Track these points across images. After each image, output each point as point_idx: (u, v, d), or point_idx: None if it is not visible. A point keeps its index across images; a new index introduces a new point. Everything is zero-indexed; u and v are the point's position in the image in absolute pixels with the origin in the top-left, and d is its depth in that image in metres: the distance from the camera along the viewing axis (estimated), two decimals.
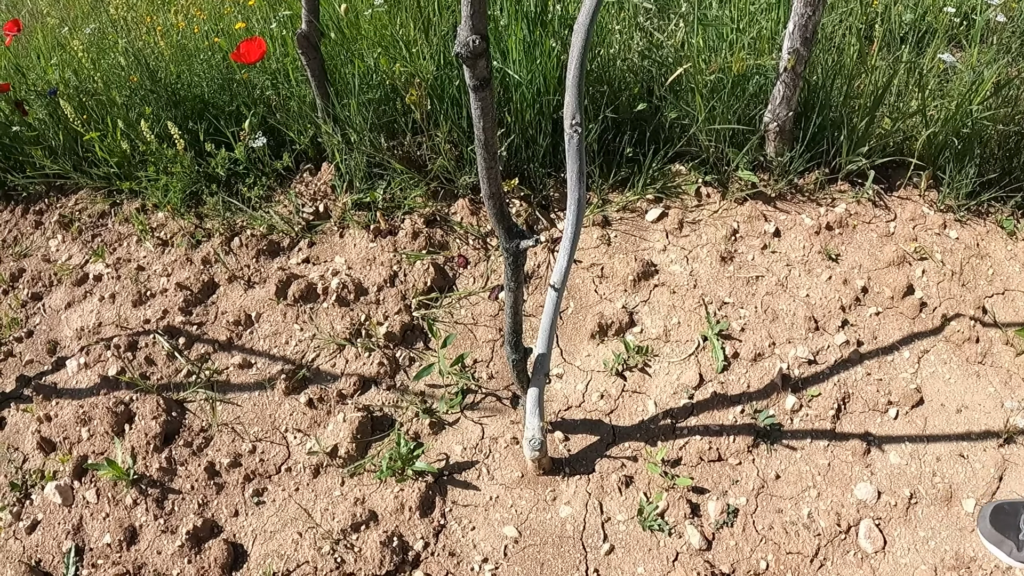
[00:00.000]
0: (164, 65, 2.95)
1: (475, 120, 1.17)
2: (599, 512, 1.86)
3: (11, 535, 2.00)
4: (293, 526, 1.91)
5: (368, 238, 2.52)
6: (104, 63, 3.04)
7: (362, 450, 2.03)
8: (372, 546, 1.81)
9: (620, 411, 2.04)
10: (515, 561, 1.80)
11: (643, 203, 2.54)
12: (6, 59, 3.44)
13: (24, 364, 2.42)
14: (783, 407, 2.01)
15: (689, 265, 2.35)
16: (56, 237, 2.83)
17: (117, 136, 2.72)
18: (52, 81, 3.03)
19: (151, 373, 2.28)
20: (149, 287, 2.53)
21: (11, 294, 2.66)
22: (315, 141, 2.76)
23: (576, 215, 1.42)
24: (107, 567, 1.89)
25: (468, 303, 2.35)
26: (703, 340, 2.15)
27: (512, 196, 2.53)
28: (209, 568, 1.85)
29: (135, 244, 2.72)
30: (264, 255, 2.55)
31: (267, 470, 2.03)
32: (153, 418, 2.11)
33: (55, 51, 3.48)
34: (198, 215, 2.72)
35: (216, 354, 2.31)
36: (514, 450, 1.99)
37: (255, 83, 2.80)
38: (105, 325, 2.44)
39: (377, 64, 2.58)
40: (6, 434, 2.24)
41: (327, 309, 2.34)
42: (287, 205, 2.66)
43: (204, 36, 3.11)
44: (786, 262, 2.32)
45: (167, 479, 2.03)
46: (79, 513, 2.01)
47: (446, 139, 2.47)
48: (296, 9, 3.01)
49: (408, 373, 2.20)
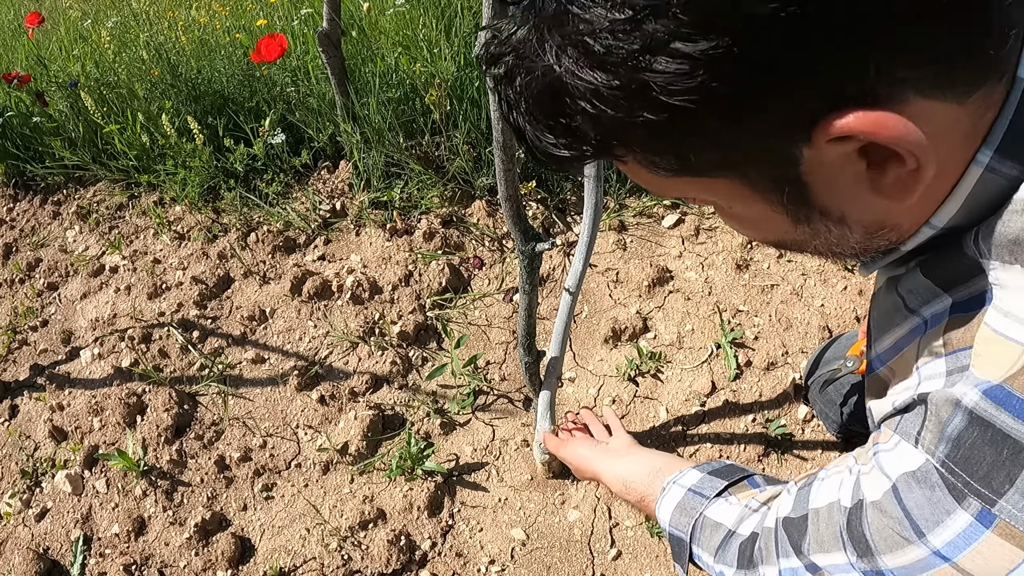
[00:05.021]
0: (185, 60, 2.97)
1: (494, 122, 1.16)
2: (607, 517, 1.85)
3: (20, 522, 2.01)
4: (301, 522, 1.91)
5: (384, 237, 2.52)
6: (125, 56, 3.07)
7: (372, 448, 2.03)
8: (379, 544, 1.81)
9: (632, 416, 2.04)
10: (522, 564, 1.79)
11: (660, 209, 2.54)
12: (28, 51, 3.47)
13: (38, 353, 2.43)
14: (795, 417, 2.00)
15: (704, 272, 2.34)
16: (73, 228, 2.85)
17: (137, 129, 2.74)
18: (73, 73, 3.05)
19: (164, 366, 2.29)
20: (165, 280, 2.54)
21: (27, 283, 2.68)
22: (334, 139, 2.76)
23: (592, 219, 1.41)
24: (114, 557, 1.90)
25: (482, 304, 2.35)
26: (716, 348, 2.14)
27: (529, 199, 2.53)
28: (216, 561, 1.85)
29: (152, 237, 2.73)
30: (280, 251, 2.56)
31: (277, 465, 2.03)
32: (165, 410, 2.12)
33: (77, 43, 3.50)
34: (215, 210, 2.73)
35: (230, 348, 2.32)
36: (524, 453, 1.98)
37: (275, 80, 2.82)
38: (120, 317, 2.45)
39: (397, 64, 2.58)
40: (18, 422, 2.25)
41: (341, 307, 2.35)
42: (304, 202, 2.67)
43: (226, 32, 3.12)
44: (802, 271, 2.31)
45: (177, 471, 2.04)
46: (88, 502, 2.01)
47: (464, 140, 2.48)
48: (317, 7, 3.02)
49: (420, 373, 2.20)
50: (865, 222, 0.59)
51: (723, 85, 0.44)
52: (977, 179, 0.53)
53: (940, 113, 0.49)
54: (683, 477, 0.99)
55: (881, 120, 0.46)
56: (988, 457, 0.51)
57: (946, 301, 0.59)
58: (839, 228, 0.59)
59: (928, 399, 0.57)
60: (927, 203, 0.57)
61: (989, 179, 0.53)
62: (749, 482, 0.95)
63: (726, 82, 0.44)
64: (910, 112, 0.47)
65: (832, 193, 0.55)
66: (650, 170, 0.56)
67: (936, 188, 0.55)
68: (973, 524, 0.53)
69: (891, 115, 0.47)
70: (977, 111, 0.51)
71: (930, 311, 0.61)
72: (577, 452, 1.31)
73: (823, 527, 0.66)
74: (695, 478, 0.98)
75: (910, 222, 0.59)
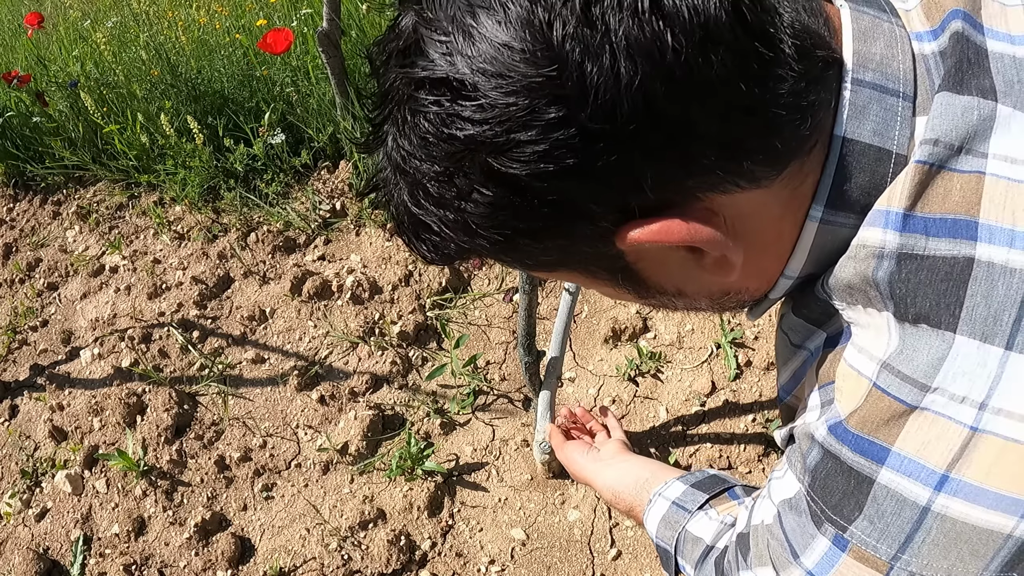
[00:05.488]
0: (185, 60, 2.97)
1: None
2: (607, 517, 1.85)
3: (20, 522, 2.01)
4: (301, 522, 1.91)
5: (384, 237, 2.52)
6: (125, 56, 3.07)
7: (372, 448, 2.03)
8: (379, 544, 1.81)
9: (632, 416, 2.04)
10: (522, 564, 1.79)
11: None
12: (28, 51, 3.47)
13: (38, 353, 2.43)
14: None
15: None
16: (73, 228, 2.85)
17: (136, 129, 2.74)
18: (73, 73, 3.05)
19: (164, 366, 2.29)
20: (165, 280, 2.54)
21: (28, 283, 2.68)
22: (334, 139, 2.76)
23: None
24: (114, 557, 1.90)
25: (482, 304, 2.35)
26: (716, 348, 2.14)
27: None
28: (216, 561, 1.85)
29: (152, 237, 2.73)
30: (280, 251, 2.56)
31: (277, 465, 2.03)
32: (165, 410, 2.12)
33: (77, 44, 3.51)
34: (215, 210, 2.73)
35: (229, 348, 2.32)
36: (524, 452, 1.98)
37: (275, 80, 2.82)
38: (120, 317, 2.45)
39: None
40: (18, 422, 2.25)
41: (341, 307, 2.35)
42: (304, 202, 2.67)
43: (225, 32, 3.12)
44: None
45: (177, 471, 2.04)
46: (88, 502, 2.02)
47: None
48: (317, 7, 3.02)
49: (420, 373, 2.20)
50: (706, 292, 0.64)
51: (520, 221, 0.52)
52: (815, 232, 0.57)
53: (742, 201, 0.53)
54: (668, 489, 1.01)
55: (664, 228, 0.52)
56: (840, 487, 0.56)
57: (821, 336, 0.63)
58: (682, 299, 0.65)
59: (795, 432, 0.62)
60: (776, 261, 0.61)
61: (827, 230, 0.57)
62: (730, 494, 0.96)
63: (522, 219, 0.52)
64: (705, 207, 0.52)
65: (663, 275, 0.61)
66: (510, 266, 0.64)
67: (779, 248, 0.59)
68: (831, 548, 0.57)
69: (675, 222, 0.51)
70: (789, 186, 0.54)
71: (812, 344, 0.65)
72: (571, 457, 1.31)
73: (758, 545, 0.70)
74: (678, 491, 1.00)
75: (758, 282, 0.63)
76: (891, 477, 0.53)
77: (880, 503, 0.54)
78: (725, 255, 0.55)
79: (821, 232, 0.57)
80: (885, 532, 0.54)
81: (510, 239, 0.55)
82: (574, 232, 0.54)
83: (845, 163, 0.54)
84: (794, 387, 0.71)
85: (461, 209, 0.53)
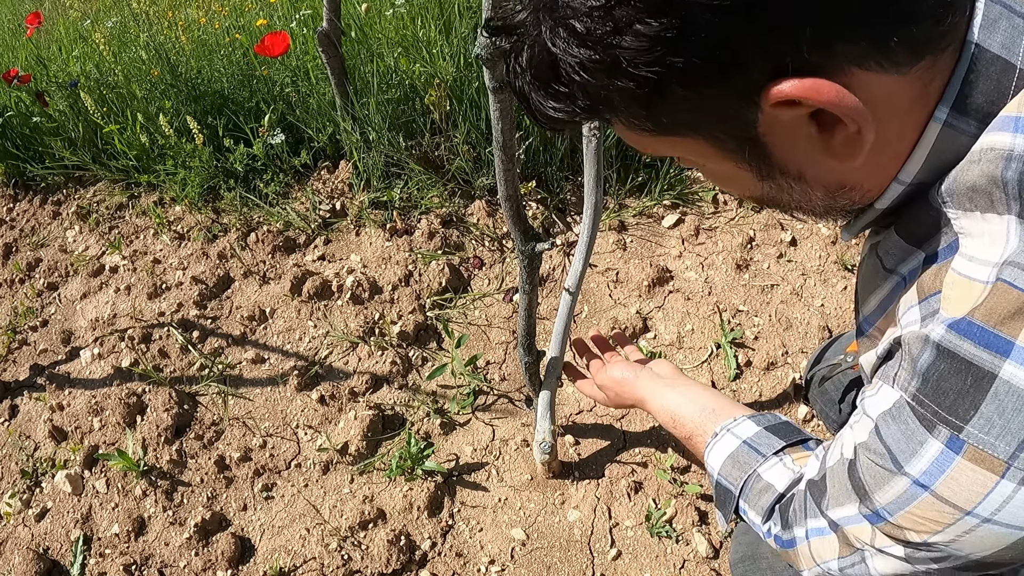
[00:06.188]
0: (185, 60, 2.97)
1: (494, 122, 1.16)
2: (607, 517, 1.85)
3: (20, 522, 2.01)
4: (301, 522, 1.91)
5: (384, 237, 2.52)
6: (125, 56, 3.07)
7: (372, 448, 2.03)
8: (379, 544, 1.81)
9: (631, 416, 2.04)
10: (522, 564, 1.79)
11: (660, 209, 2.54)
12: (28, 51, 3.47)
13: (38, 353, 2.43)
14: (795, 417, 2.00)
15: (704, 272, 2.34)
16: (73, 228, 2.85)
17: (136, 129, 2.74)
18: (73, 73, 3.05)
19: (164, 366, 2.29)
20: (165, 280, 2.54)
21: (27, 283, 2.68)
22: (333, 139, 2.76)
23: (592, 219, 1.41)
24: (114, 557, 1.90)
25: (482, 304, 2.35)
26: (716, 348, 2.14)
27: (529, 199, 2.53)
28: (216, 561, 1.85)
29: (152, 237, 2.73)
30: (280, 251, 2.56)
31: (277, 465, 2.03)
32: (165, 410, 2.12)
33: (76, 43, 3.51)
34: (215, 210, 2.73)
35: (229, 348, 2.32)
36: (524, 452, 1.98)
37: (275, 80, 2.82)
38: (120, 317, 2.45)
39: (397, 64, 2.58)
40: (18, 422, 2.25)
41: (341, 307, 2.35)
42: (304, 202, 2.67)
43: (225, 32, 3.12)
44: (802, 271, 2.31)
45: (177, 471, 2.04)
46: (88, 502, 2.02)
47: (464, 140, 2.48)
48: (317, 7, 3.02)
49: (420, 373, 2.20)
50: (824, 181, 0.65)
51: (678, 59, 0.52)
52: (937, 134, 0.59)
53: (880, 83, 0.55)
54: (738, 426, 0.97)
55: (815, 86, 0.53)
56: (954, 387, 0.55)
57: (919, 256, 0.64)
58: (800, 185, 0.65)
59: (902, 340, 0.62)
60: (893, 161, 0.62)
61: (949, 134, 0.58)
62: (805, 446, 0.93)
63: (680, 56, 0.52)
64: (848, 81, 0.53)
65: (788, 152, 0.61)
66: (632, 130, 0.63)
67: (899, 147, 0.61)
68: (944, 451, 0.56)
69: (825, 82, 0.53)
70: (921, 80, 0.56)
71: (907, 268, 0.66)
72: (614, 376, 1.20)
73: (836, 483, 0.70)
74: (750, 430, 0.96)
75: (873, 181, 0.65)
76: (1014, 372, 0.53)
77: (1001, 399, 0.53)
78: (860, 130, 0.56)
79: (942, 136, 0.59)
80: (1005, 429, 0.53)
81: (658, 84, 0.54)
82: (727, 80, 0.54)
83: (975, 68, 0.57)
84: (878, 318, 0.71)
85: (613, 45, 0.52)
